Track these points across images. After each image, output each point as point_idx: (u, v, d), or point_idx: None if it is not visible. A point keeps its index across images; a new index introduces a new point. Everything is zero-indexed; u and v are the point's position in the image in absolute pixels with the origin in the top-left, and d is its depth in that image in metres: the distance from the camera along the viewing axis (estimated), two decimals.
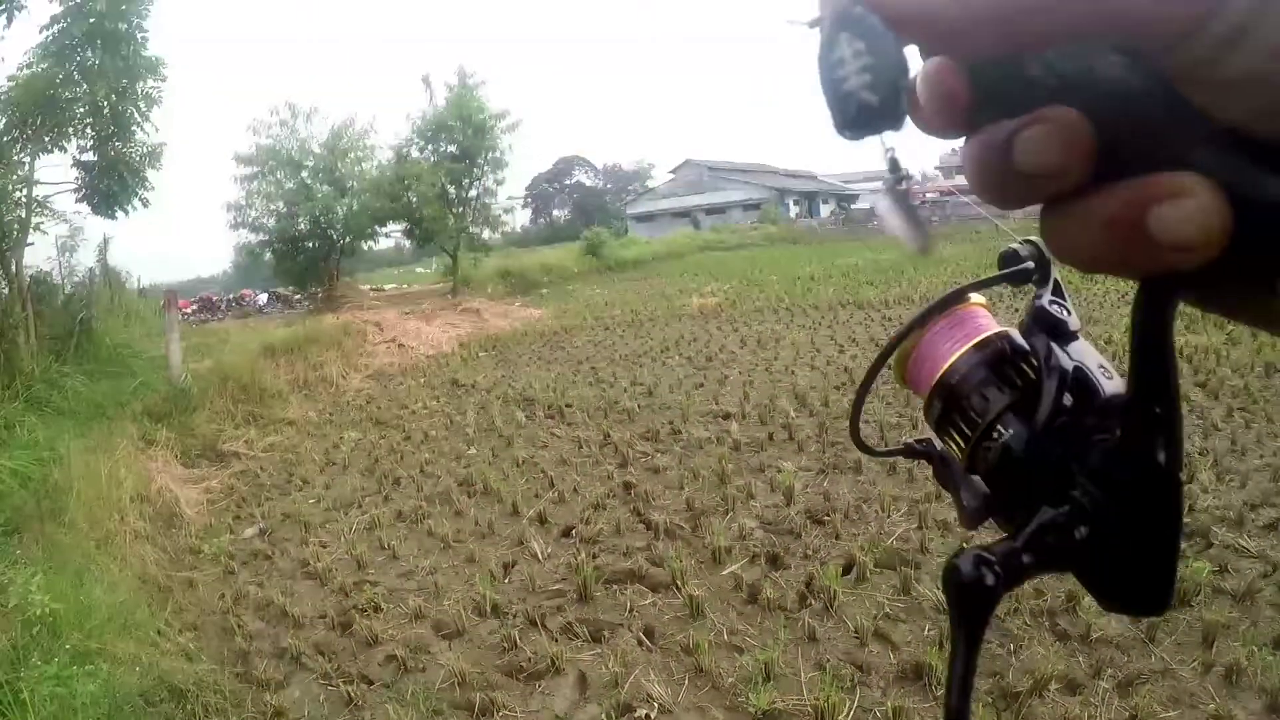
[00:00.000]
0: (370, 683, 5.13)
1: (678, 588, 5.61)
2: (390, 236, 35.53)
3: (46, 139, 14.69)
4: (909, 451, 0.85)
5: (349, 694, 4.94)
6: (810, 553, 5.90)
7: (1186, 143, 0.43)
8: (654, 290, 26.87)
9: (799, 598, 5.34)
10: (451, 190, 30.04)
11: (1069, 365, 0.66)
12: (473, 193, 30.95)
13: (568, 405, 11.38)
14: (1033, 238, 0.75)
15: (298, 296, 33.29)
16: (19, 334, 12.28)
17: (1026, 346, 0.71)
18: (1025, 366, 0.71)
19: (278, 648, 5.70)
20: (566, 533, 6.90)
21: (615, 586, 5.84)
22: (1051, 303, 0.71)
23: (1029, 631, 4.65)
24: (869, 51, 0.45)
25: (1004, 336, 0.75)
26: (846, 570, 5.58)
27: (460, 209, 30.48)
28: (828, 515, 6.41)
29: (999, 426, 0.69)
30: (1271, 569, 5.05)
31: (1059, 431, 0.64)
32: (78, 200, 15.84)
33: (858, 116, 0.46)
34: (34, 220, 14.08)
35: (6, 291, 12.69)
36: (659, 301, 23.14)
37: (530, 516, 7.28)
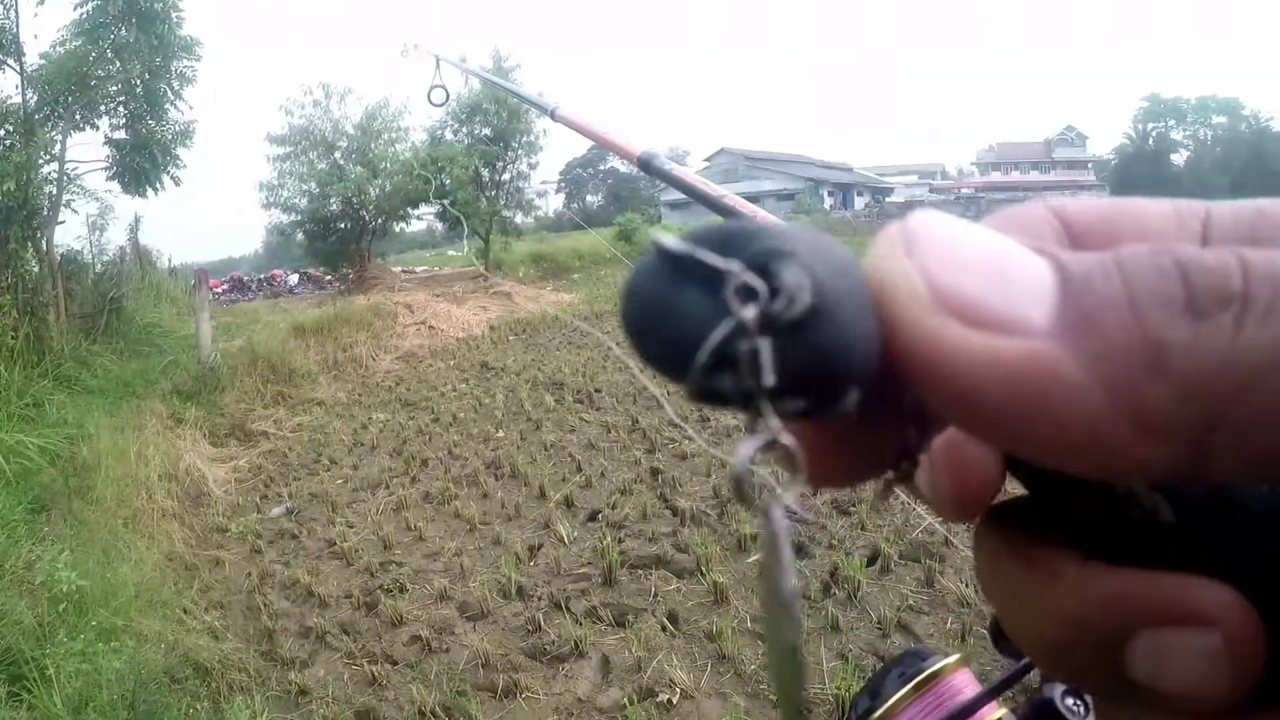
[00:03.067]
0: (394, 663, 5.14)
1: (702, 574, 5.59)
2: (422, 219, 35.60)
3: (78, 116, 14.82)
4: None
5: (373, 673, 4.96)
6: (835, 543, 5.86)
7: None
8: None
9: (823, 587, 5.31)
10: (485, 173, 30.04)
11: None
12: (506, 176, 30.96)
13: (597, 390, 11.37)
14: None
15: (329, 277, 33.24)
16: (49, 312, 12.40)
17: None
18: None
19: (303, 627, 5.72)
20: (593, 517, 6.90)
21: (640, 571, 5.83)
22: (1065, 695, 0.55)
23: None
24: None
25: None
26: (871, 561, 5.54)
27: (493, 192, 30.48)
28: (854, 506, 6.36)
29: None
30: None
31: None
32: (109, 178, 16.00)
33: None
34: (65, 198, 14.19)
35: (37, 269, 12.79)
36: None
37: (557, 500, 7.27)
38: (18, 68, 13.76)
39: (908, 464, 0.28)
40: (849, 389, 0.23)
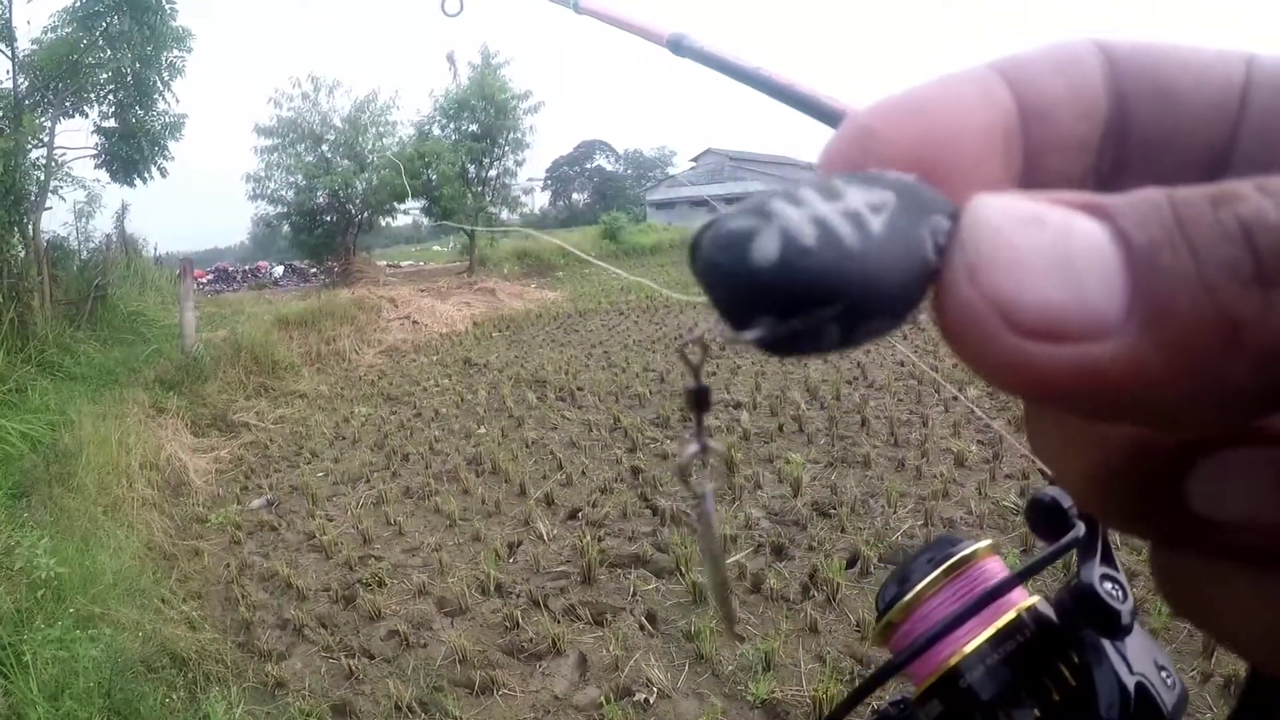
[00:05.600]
0: (371, 657, 5.15)
1: (681, 574, 5.61)
2: (408, 213, 35.58)
3: (67, 104, 14.78)
4: None
5: (350, 667, 4.96)
6: (815, 545, 5.88)
7: None
8: (670, 277, 26.73)
9: (802, 589, 5.33)
10: (471, 169, 30.04)
11: (1129, 679, 0.53)
12: (492, 172, 30.95)
13: (579, 388, 11.39)
14: None
15: (313, 270, 33.28)
16: (34, 298, 12.37)
17: (1062, 631, 0.57)
18: (1064, 669, 0.56)
19: (281, 619, 5.72)
20: (573, 515, 6.91)
21: (619, 570, 5.85)
22: (1104, 579, 0.54)
23: None
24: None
25: (1035, 618, 0.59)
26: (850, 563, 5.57)
27: (479, 188, 30.48)
28: (834, 508, 6.39)
29: None
30: None
31: None
32: (97, 166, 15.96)
33: (736, 296, 0.24)
34: (52, 185, 14.13)
35: (23, 255, 12.76)
36: (674, 288, 22.99)
37: (537, 497, 7.29)
38: (9, 53, 13.72)
39: None
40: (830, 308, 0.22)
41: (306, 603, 5.91)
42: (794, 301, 0.22)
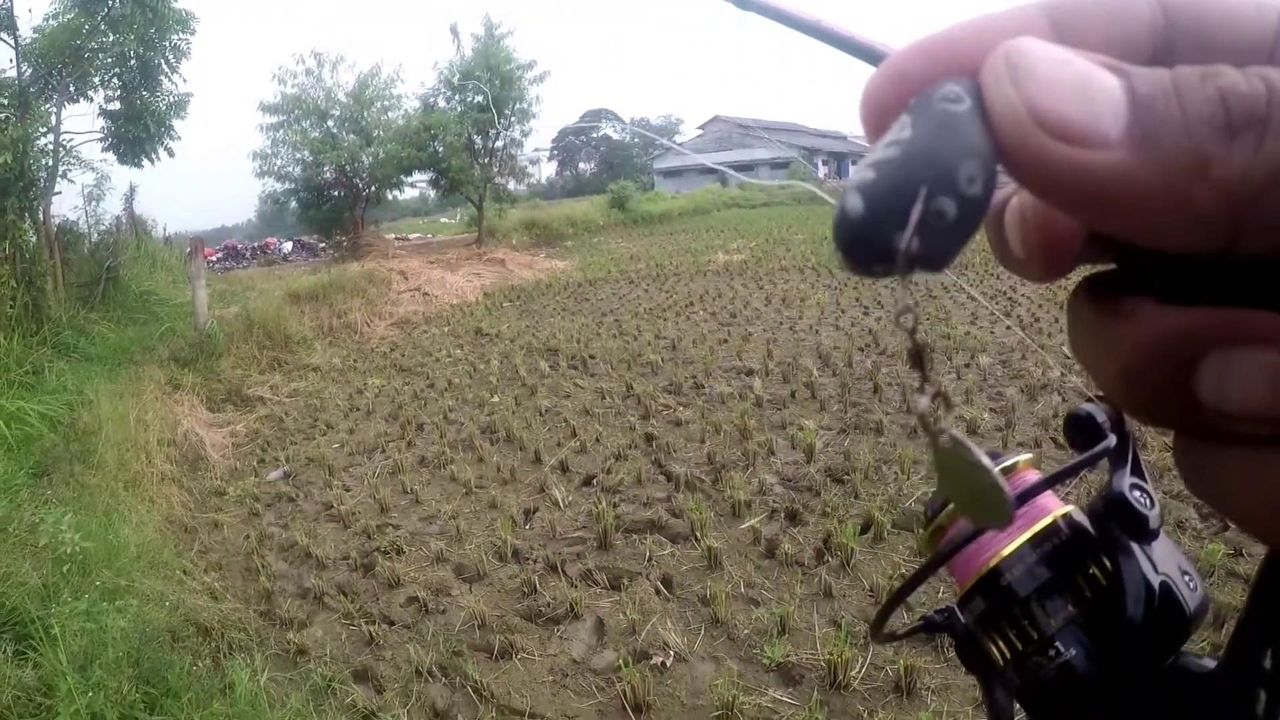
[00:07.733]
0: (391, 623, 5.21)
1: (697, 539, 5.66)
2: (415, 186, 35.47)
3: (73, 88, 14.72)
4: (929, 627, 0.76)
5: (370, 634, 5.03)
6: (829, 510, 5.92)
7: None
8: (679, 245, 26.74)
9: (816, 554, 5.38)
10: (478, 140, 29.95)
11: (1154, 579, 0.57)
12: (499, 143, 30.85)
13: (591, 356, 11.43)
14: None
15: (322, 245, 33.24)
16: (47, 281, 12.38)
17: (1094, 535, 0.61)
18: (1096, 570, 0.59)
19: (301, 588, 5.79)
20: (588, 481, 6.96)
21: (635, 536, 5.90)
22: (1133, 488, 0.58)
23: None
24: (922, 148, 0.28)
25: (1070, 524, 0.63)
26: (864, 529, 5.61)
27: (486, 159, 30.40)
28: (848, 474, 6.43)
29: (1058, 643, 0.59)
30: None
31: (1133, 657, 0.56)
32: (104, 149, 15.90)
33: (858, 245, 0.28)
34: (61, 169, 14.12)
35: (34, 240, 12.76)
36: (684, 256, 23.02)
37: (552, 465, 7.34)
38: (11, 41, 13.69)
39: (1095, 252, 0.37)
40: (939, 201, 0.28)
41: (326, 571, 5.98)
42: (897, 212, 0.27)
